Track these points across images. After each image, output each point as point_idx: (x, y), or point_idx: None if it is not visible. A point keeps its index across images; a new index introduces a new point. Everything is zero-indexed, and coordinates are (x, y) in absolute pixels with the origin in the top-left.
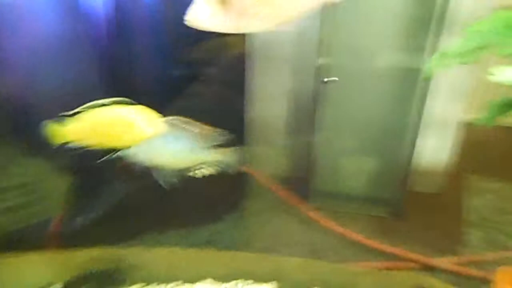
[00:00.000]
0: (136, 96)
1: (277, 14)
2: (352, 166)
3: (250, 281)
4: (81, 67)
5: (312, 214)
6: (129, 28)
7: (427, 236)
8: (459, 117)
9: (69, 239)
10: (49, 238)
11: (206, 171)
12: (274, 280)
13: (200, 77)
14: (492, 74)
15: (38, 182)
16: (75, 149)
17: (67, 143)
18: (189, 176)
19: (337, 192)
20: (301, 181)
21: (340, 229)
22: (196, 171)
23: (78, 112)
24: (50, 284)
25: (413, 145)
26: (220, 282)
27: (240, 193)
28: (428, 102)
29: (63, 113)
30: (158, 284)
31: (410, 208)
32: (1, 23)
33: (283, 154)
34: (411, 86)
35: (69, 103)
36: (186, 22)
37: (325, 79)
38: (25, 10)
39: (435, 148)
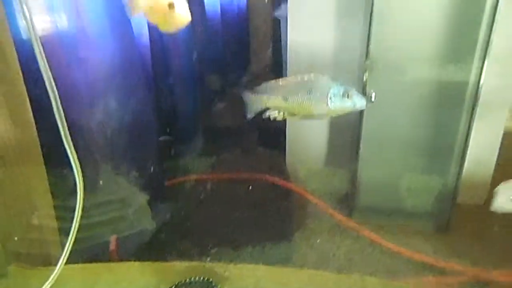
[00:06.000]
0: None
1: None
2: (397, 182)
3: None
4: None
5: (367, 232)
6: None
7: (476, 249)
8: (504, 126)
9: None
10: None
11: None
12: None
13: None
14: None
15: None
16: None
17: None
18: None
19: (382, 207)
20: (345, 197)
21: (393, 246)
22: None
23: None
24: None
25: (462, 159)
26: None
27: (292, 211)
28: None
29: None
30: None
31: (457, 221)
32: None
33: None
34: (459, 101)
35: None
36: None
37: (373, 98)
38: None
39: (479, 158)
